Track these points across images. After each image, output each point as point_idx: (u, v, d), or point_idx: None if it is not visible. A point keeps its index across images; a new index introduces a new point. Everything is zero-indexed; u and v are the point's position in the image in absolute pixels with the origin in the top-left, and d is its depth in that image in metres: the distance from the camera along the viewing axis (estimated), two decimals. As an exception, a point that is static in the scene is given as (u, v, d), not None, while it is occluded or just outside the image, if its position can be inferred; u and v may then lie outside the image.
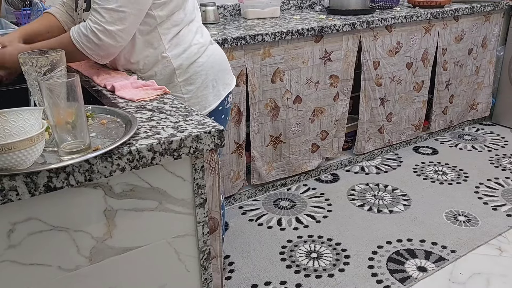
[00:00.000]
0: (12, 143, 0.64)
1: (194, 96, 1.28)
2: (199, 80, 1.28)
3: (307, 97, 2.25)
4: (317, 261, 1.83)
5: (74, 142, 0.72)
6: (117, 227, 0.82)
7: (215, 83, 1.32)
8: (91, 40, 1.11)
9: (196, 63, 1.27)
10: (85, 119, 0.74)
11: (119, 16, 1.10)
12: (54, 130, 0.72)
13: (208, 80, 1.30)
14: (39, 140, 0.68)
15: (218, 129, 0.84)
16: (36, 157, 0.69)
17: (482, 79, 3.03)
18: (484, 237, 1.94)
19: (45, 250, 0.76)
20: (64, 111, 0.71)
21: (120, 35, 1.12)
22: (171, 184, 0.86)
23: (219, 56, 1.35)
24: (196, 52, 1.27)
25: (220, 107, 1.34)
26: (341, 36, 2.23)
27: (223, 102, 1.35)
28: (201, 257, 0.95)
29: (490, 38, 2.93)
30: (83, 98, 0.73)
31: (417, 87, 2.70)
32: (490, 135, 3.01)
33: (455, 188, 2.35)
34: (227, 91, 1.37)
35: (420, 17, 2.45)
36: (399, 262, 1.81)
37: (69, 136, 0.72)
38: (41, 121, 0.71)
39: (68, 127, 0.72)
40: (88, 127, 0.75)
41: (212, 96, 1.32)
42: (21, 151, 0.65)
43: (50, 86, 0.70)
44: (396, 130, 2.71)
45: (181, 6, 1.22)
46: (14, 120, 0.66)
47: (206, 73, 1.29)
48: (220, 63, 1.34)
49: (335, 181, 2.46)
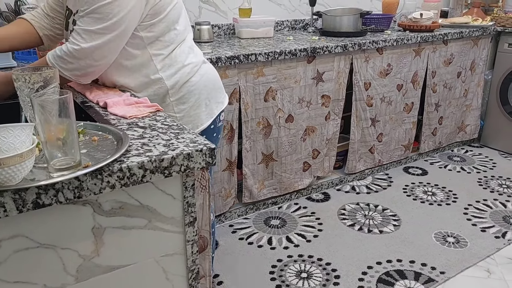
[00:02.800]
0: (1, 159, 0.64)
1: (186, 115, 1.28)
2: (192, 99, 1.28)
3: (299, 116, 2.26)
4: (307, 281, 1.81)
5: (64, 159, 0.72)
6: (105, 245, 0.81)
7: (208, 101, 1.32)
8: (66, 61, 1.10)
9: (189, 82, 1.27)
10: (76, 136, 0.73)
11: (98, 37, 1.09)
12: (44, 146, 0.71)
13: (201, 99, 1.30)
14: (29, 157, 0.68)
15: (209, 147, 0.84)
16: (26, 173, 0.69)
17: (470, 101, 3.09)
18: (473, 258, 1.95)
19: (31, 268, 0.75)
20: (56, 128, 0.71)
21: (98, 53, 1.11)
22: (161, 202, 0.85)
23: (212, 75, 1.35)
24: (189, 72, 1.27)
25: (212, 125, 1.35)
26: (333, 57, 2.27)
27: (215, 121, 1.36)
28: (190, 276, 0.94)
29: (478, 62, 3.00)
30: (75, 114, 0.73)
31: (407, 108, 2.74)
32: (478, 157, 3.04)
33: (445, 209, 2.37)
34: (220, 109, 1.37)
35: (410, 41, 2.51)
36: (389, 283, 1.80)
37: (59, 152, 0.72)
38: (31, 137, 0.71)
39: (59, 143, 0.71)
40: (79, 144, 0.75)
41: (205, 115, 1.32)
42: (10, 167, 0.65)
43: (42, 103, 0.70)
44: (386, 150, 2.74)
45: (171, 26, 1.21)
46: (4, 136, 0.66)
47: (200, 92, 1.29)
48: (213, 82, 1.35)
49: (326, 200, 2.46)
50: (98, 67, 1.14)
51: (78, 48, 1.09)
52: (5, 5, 1.87)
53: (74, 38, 1.10)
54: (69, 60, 1.10)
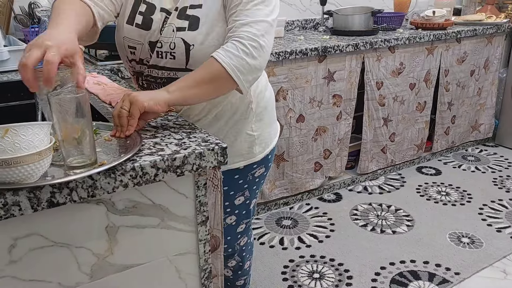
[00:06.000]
0: (21, 157, 0.65)
1: (262, 134, 1.18)
2: (267, 116, 1.18)
3: (310, 116, 2.25)
4: (319, 282, 1.80)
5: (80, 157, 0.73)
6: (118, 243, 0.82)
7: (274, 119, 1.24)
8: (245, 62, 0.92)
9: (265, 98, 1.16)
10: (92, 135, 0.75)
11: (266, 27, 0.94)
12: (61, 144, 0.73)
13: (272, 115, 1.22)
14: (47, 155, 0.69)
15: (221, 147, 0.84)
16: (43, 171, 0.70)
17: (484, 100, 3.04)
18: (489, 259, 1.92)
19: (46, 266, 0.76)
20: (72, 127, 0.72)
21: (268, 50, 0.96)
22: (174, 201, 0.86)
23: (272, 89, 1.24)
24: (265, 84, 1.17)
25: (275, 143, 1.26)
26: (344, 57, 2.26)
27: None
28: (202, 275, 0.94)
29: (493, 60, 2.95)
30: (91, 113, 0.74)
31: (420, 107, 2.71)
32: (493, 156, 3.00)
33: (459, 209, 2.33)
34: (279, 125, 1.29)
35: (422, 39, 2.48)
36: (402, 284, 1.78)
37: (75, 151, 0.73)
38: (49, 136, 0.72)
39: (75, 142, 0.72)
40: (94, 143, 0.75)
41: (274, 133, 1.23)
42: (29, 165, 0.66)
43: (59, 101, 0.71)
44: (399, 150, 2.71)
45: None
46: (24, 134, 0.67)
47: (271, 108, 1.21)
48: (273, 97, 1.24)
49: (338, 200, 2.45)
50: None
51: (256, 45, 0.92)
52: (19, 8, 1.90)
53: (247, 31, 0.93)
54: (248, 60, 0.92)
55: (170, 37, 1.00)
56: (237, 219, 1.26)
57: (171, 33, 1.00)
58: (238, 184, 1.20)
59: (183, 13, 1.00)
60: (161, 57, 1.02)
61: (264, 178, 1.27)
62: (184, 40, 0.99)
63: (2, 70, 1.57)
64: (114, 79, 1.37)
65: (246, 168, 1.18)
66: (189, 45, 0.99)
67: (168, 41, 1.00)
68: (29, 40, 1.83)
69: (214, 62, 0.92)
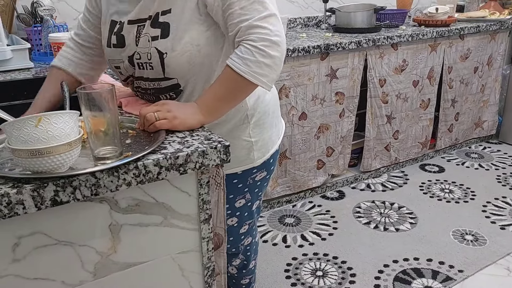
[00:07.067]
0: (53, 147, 0.67)
1: (261, 139, 1.13)
2: (267, 121, 1.13)
3: (313, 113, 2.25)
4: (323, 279, 1.80)
5: (107, 149, 0.77)
6: (121, 242, 0.82)
7: (276, 121, 1.19)
8: (263, 65, 0.89)
9: (264, 102, 1.11)
10: (118, 127, 0.78)
11: (274, 20, 0.90)
12: (89, 136, 0.77)
13: (274, 118, 1.16)
14: (77, 145, 0.71)
15: (224, 145, 0.84)
16: (73, 162, 0.72)
17: (487, 97, 3.03)
18: (492, 256, 1.91)
19: (50, 265, 0.76)
20: (98, 120, 0.76)
21: (283, 41, 0.91)
22: (176, 199, 0.86)
23: (275, 90, 1.19)
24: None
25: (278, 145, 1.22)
26: (347, 54, 2.25)
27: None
28: (205, 273, 0.94)
29: (496, 56, 2.94)
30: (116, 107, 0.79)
31: (424, 104, 2.70)
32: (497, 154, 2.98)
33: (462, 207, 2.33)
34: (283, 125, 1.25)
35: (425, 36, 2.47)
36: (405, 281, 1.78)
37: (103, 142, 0.77)
38: (78, 125, 0.75)
39: (101, 134, 0.76)
40: (121, 135, 0.79)
41: (275, 136, 1.19)
42: (60, 155, 0.68)
43: (87, 95, 0.75)
44: (403, 148, 2.70)
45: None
46: (55, 122, 0.69)
47: (273, 111, 1.15)
48: (276, 97, 1.19)
49: (341, 198, 2.44)
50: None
51: (268, 43, 0.88)
52: (22, 7, 1.91)
53: (257, 32, 0.88)
54: (264, 61, 0.89)
55: (146, 47, 0.97)
56: (239, 221, 1.24)
57: (147, 43, 0.97)
58: (238, 188, 1.17)
59: (156, 20, 0.96)
60: (143, 68, 1.01)
61: (267, 181, 1.23)
62: (158, 49, 0.96)
63: (5, 69, 1.58)
64: (117, 78, 1.37)
65: (244, 173, 1.15)
66: (162, 53, 0.96)
67: (145, 51, 0.98)
68: (31, 39, 1.83)
69: (233, 74, 0.90)
